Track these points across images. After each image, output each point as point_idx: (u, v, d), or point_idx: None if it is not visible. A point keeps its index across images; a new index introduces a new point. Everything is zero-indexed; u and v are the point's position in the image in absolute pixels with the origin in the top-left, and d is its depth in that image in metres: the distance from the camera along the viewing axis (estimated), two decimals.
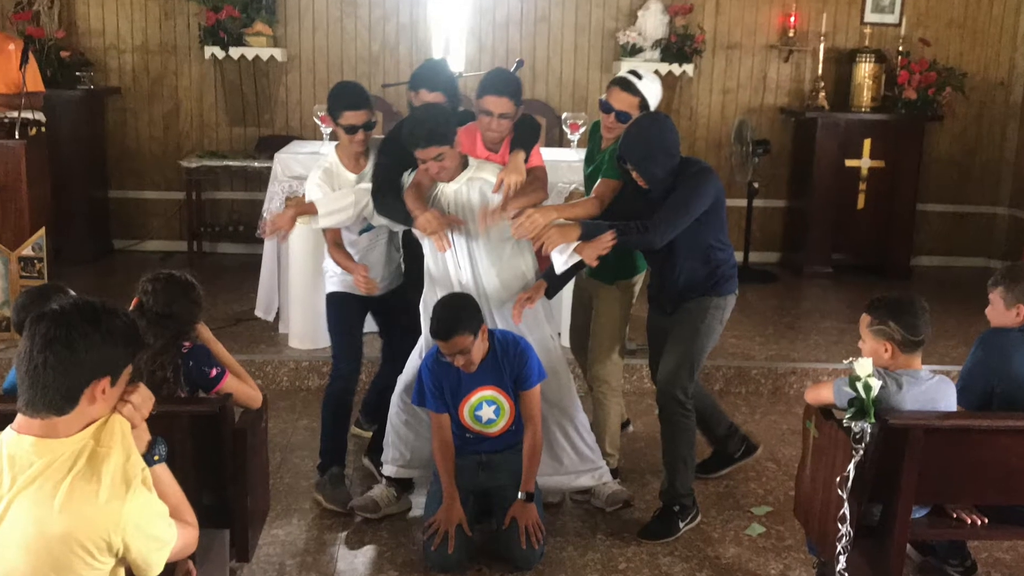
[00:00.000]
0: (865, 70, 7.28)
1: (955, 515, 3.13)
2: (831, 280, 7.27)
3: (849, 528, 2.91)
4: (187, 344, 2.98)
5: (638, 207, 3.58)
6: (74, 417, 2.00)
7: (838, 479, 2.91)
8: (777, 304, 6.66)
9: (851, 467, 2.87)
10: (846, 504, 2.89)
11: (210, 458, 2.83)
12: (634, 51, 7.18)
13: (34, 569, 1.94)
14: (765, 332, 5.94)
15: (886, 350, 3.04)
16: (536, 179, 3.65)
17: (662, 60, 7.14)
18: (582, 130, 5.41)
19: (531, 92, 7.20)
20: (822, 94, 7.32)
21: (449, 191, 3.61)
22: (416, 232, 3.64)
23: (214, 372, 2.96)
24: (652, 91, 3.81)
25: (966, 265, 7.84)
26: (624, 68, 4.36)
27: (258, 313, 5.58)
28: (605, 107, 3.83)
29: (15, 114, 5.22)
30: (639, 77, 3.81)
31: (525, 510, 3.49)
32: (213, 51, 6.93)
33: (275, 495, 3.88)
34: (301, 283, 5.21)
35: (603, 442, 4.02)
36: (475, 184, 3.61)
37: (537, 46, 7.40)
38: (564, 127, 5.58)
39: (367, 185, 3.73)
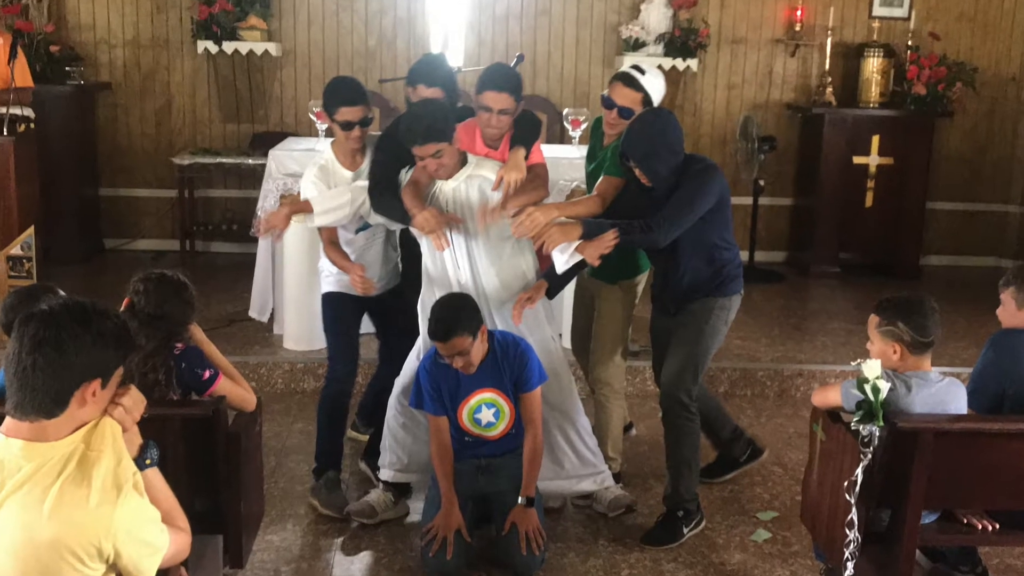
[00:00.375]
0: (873, 65, 7.28)
1: (965, 520, 3.13)
2: (838, 280, 7.27)
3: (857, 534, 2.91)
4: (179, 345, 2.98)
5: (641, 205, 3.58)
6: (64, 420, 2.00)
7: (846, 484, 2.91)
8: (783, 304, 6.66)
9: (859, 471, 2.87)
10: (854, 509, 2.89)
11: (203, 462, 2.83)
12: (637, 45, 7.18)
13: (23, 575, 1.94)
14: (771, 333, 5.94)
15: (895, 351, 3.04)
16: (537, 176, 3.65)
17: (665, 55, 7.14)
18: (583, 126, 5.41)
19: (532, 87, 7.20)
20: (829, 89, 7.32)
21: (448, 189, 3.61)
22: (414, 231, 3.64)
23: (207, 374, 2.96)
24: (655, 86, 3.81)
25: (976, 264, 7.84)
26: (627, 63, 4.36)
27: (252, 314, 5.58)
28: (607, 103, 3.83)
29: (3, 110, 5.21)
30: (642, 72, 3.81)
31: (525, 515, 3.49)
32: (206, 45, 6.93)
33: (269, 500, 3.88)
34: (296, 283, 5.20)
35: (605, 446, 4.02)
36: (474, 182, 3.61)
37: (538, 40, 7.40)
38: (565, 123, 5.58)
39: (364, 183, 3.73)
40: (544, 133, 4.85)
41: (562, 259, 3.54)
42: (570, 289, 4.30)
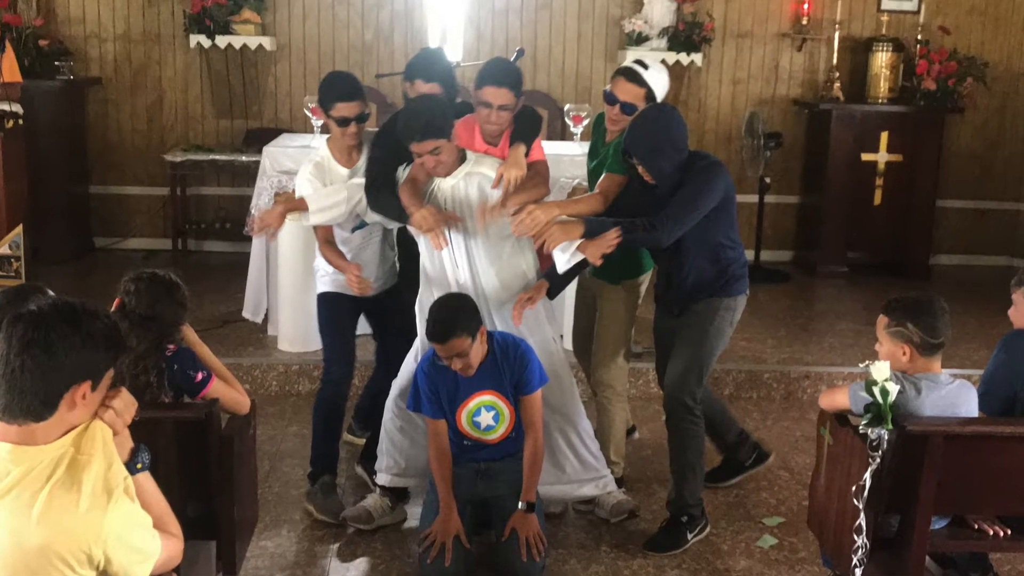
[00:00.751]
0: (882, 59, 7.28)
1: (976, 526, 3.13)
2: (846, 280, 7.27)
3: (865, 540, 2.91)
4: (171, 347, 2.98)
5: (644, 203, 3.58)
6: (53, 423, 2.00)
7: (854, 488, 2.91)
8: (790, 305, 6.66)
9: (867, 476, 2.87)
10: (862, 514, 2.89)
11: (195, 466, 2.83)
12: (640, 40, 7.18)
13: None
14: (777, 334, 5.94)
15: (904, 353, 3.04)
16: (537, 174, 3.65)
17: (669, 49, 7.14)
18: (585, 122, 5.41)
19: (532, 83, 7.20)
20: (837, 85, 7.32)
21: (446, 186, 3.61)
22: (411, 229, 3.64)
23: (200, 376, 2.96)
24: (659, 82, 3.81)
25: (988, 264, 7.84)
26: (629, 57, 4.36)
27: (246, 314, 5.58)
28: (610, 98, 3.83)
29: None
30: (645, 67, 3.81)
31: (526, 521, 3.49)
32: (199, 40, 6.93)
33: (264, 505, 3.88)
34: (291, 283, 5.21)
35: (607, 450, 4.02)
36: (473, 179, 3.61)
37: (538, 34, 7.40)
38: (567, 119, 5.58)
39: (360, 180, 3.74)
40: (545, 129, 4.86)
41: (563, 258, 3.54)
42: (571, 289, 4.30)
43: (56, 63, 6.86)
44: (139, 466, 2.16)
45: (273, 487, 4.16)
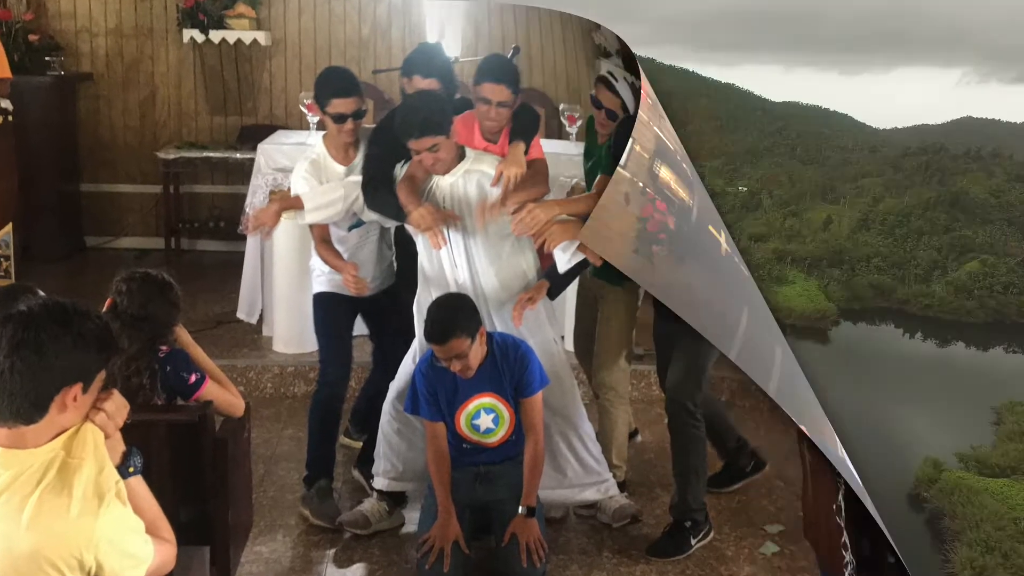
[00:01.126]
0: None
1: None
2: None
3: (852, 556, 2.89)
4: (164, 348, 2.97)
5: None
6: (43, 426, 1.99)
7: (834, 506, 2.89)
8: None
9: (840, 497, 2.85)
10: (844, 532, 2.88)
11: (189, 470, 2.82)
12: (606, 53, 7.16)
13: None
14: None
15: None
16: (537, 172, 3.65)
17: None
18: (579, 123, 5.41)
19: (529, 80, 7.18)
20: None
21: (445, 184, 3.60)
22: (409, 228, 3.64)
23: (193, 378, 2.96)
24: (629, 95, 3.81)
25: None
26: (603, 66, 4.37)
27: (240, 315, 5.57)
28: (596, 103, 3.85)
29: None
30: (615, 79, 3.81)
31: (526, 526, 3.48)
32: (192, 34, 6.92)
33: (258, 509, 3.87)
34: (286, 283, 5.20)
35: (609, 453, 4.01)
36: (472, 177, 3.60)
37: (531, 33, 7.38)
38: (562, 119, 5.58)
39: (357, 178, 3.73)
40: (542, 128, 4.85)
41: (564, 258, 3.54)
42: (573, 290, 4.30)
43: (46, 58, 6.85)
44: (131, 470, 2.15)
45: (268, 491, 4.16)
